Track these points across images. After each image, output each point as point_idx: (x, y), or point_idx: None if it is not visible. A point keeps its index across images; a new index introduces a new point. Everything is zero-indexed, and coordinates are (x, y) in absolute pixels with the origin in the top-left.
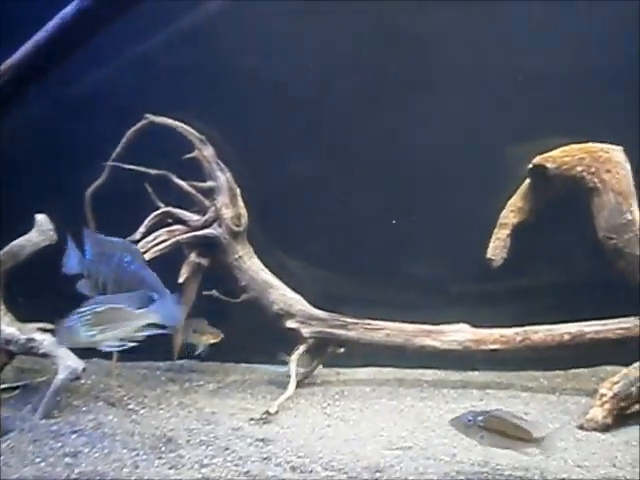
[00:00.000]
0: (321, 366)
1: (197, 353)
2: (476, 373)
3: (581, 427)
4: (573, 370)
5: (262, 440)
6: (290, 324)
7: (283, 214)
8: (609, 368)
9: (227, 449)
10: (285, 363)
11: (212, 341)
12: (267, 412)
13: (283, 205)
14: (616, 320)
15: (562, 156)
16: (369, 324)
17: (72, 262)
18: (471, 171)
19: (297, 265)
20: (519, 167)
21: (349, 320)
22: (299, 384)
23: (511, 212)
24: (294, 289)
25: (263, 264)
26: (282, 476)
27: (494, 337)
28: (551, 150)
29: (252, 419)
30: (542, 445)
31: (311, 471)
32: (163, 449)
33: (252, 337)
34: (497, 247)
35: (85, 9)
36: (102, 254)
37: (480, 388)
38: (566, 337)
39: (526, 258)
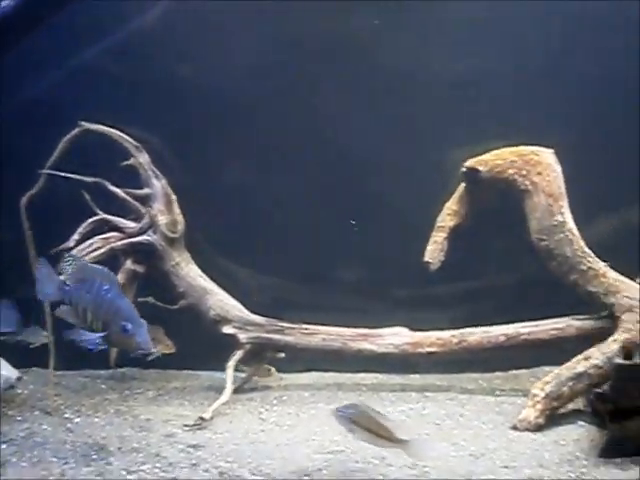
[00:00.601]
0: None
1: (150, 359)
2: (417, 376)
3: (514, 427)
4: (513, 371)
5: (194, 446)
6: (227, 330)
7: (224, 220)
8: (547, 368)
9: (157, 455)
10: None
11: (165, 352)
12: (201, 418)
13: (223, 211)
14: (549, 321)
15: (494, 159)
16: (306, 329)
17: (49, 289)
18: (409, 175)
19: (239, 271)
20: (456, 170)
21: (286, 325)
22: (239, 390)
23: (447, 215)
24: (235, 296)
25: (204, 271)
26: None
27: (431, 340)
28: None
29: (186, 425)
30: (406, 448)
31: (239, 476)
32: (94, 457)
33: (195, 344)
34: (434, 250)
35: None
36: (83, 280)
37: (419, 391)
38: (502, 338)
39: (465, 261)
